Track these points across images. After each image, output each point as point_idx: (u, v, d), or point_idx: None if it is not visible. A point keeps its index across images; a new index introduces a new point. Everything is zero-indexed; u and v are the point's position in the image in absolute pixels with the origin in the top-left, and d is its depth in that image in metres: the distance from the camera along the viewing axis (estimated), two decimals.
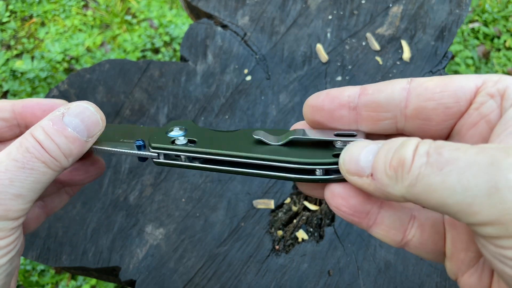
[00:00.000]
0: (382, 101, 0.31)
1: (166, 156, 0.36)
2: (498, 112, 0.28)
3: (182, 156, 0.36)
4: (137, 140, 0.37)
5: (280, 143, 0.34)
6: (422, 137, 0.30)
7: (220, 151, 0.34)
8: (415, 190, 0.25)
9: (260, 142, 0.34)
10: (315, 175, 0.32)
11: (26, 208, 0.33)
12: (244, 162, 0.34)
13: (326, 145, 0.34)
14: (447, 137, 0.32)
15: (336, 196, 0.31)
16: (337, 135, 0.33)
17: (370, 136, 0.34)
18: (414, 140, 0.27)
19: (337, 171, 0.32)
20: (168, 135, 0.37)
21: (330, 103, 0.33)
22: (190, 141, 0.36)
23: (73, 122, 0.35)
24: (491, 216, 0.23)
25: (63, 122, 0.34)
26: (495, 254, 0.25)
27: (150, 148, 0.36)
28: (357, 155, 0.29)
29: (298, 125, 0.37)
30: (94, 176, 0.42)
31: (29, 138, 0.33)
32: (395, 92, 0.31)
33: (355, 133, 0.33)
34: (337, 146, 0.33)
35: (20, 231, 0.34)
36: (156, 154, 0.36)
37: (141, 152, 0.37)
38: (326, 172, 0.32)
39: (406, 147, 0.26)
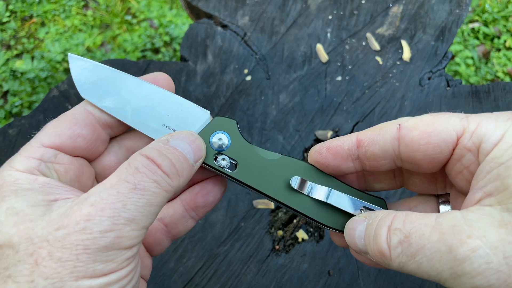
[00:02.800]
0: (378, 153, 0.35)
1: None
2: (477, 164, 0.31)
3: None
4: None
5: (313, 196, 0.38)
6: (420, 172, 0.35)
7: (257, 187, 0.38)
8: (404, 271, 0.30)
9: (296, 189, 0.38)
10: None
11: (140, 235, 0.29)
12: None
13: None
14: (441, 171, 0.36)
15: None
16: (363, 208, 0.38)
17: (376, 175, 0.41)
18: (384, 228, 0.31)
19: None
20: (211, 142, 0.38)
21: (333, 159, 0.37)
22: (232, 163, 0.38)
23: (180, 145, 0.34)
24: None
25: (170, 144, 0.33)
26: None
27: None
28: (353, 238, 0.34)
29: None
30: (216, 197, 0.40)
31: (139, 158, 0.31)
32: (387, 143, 0.34)
33: (379, 208, 0.38)
34: (361, 212, 0.38)
35: (135, 263, 0.30)
36: None
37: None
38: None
39: (380, 237, 0.31)
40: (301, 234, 0.67)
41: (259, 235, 0.67)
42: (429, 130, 0.32)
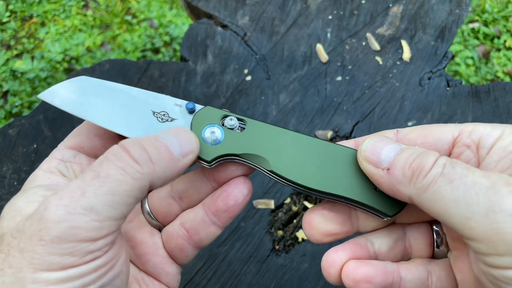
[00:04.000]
0: None
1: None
2: (475, 160, 0.32)
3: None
4: (188, 103, 0.37)
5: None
6: None
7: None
8: (424, 194, 0.29)
9: None
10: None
11: (103, 227, 0.27)
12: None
13: None
14: None
15: (360, 281, 0.33)
16: None
17: None
18: (436, 152, 0.30)
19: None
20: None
21: None
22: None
23: (165, 137, 0.32)
24: (484, 233, 0.26)
25: (154, 136, 0.32)
26: (484, 272, 0.27)
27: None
28: (380, 148, 0.32)
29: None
30: (238, 201, 0.37)
31: (113, 147, 0.30)
32: None
33: None
34: None
35: (105, 260, 0.28)
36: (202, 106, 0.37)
37: (193, 103, 0.37)
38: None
39: (429, 155, 0.30)
40: (301, 234, 0.67)
41: (259, 235, 0.67)
42: (426, 132, 0.34)
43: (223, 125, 0.36)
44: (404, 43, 0.85)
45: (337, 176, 0.35)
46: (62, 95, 0.36)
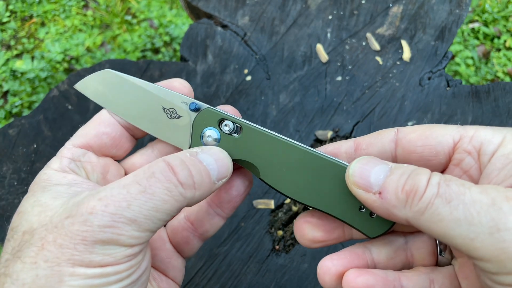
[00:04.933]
0: (376, 155, 0.35)
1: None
2: (477, 167, 0.31)
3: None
4: (192, 103, 0.38)
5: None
6: None
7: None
8: (422, 217, 0.27)
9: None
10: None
11: (142, 236, 0.30)
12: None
13: None
14: None
15: None
16: None
17: None
18: (427, 170, 0.29)
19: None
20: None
21: None
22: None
23: (207, 160, 0.34)
24: (490, 253, 0.25)
25: (198, 157, 0.33)
26: None
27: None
28: (368, 172, 0.31)
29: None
30: (240, 191, 0.39)
31: (160, 163, 0.31)
32: (385, 145, 0.34)
33: None
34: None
35: (137, 260, 0.31)
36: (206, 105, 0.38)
37: (198, 102, 0.38)
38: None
39: (421, 175, 0.28)
40: None
41: (259, 235, 0.67)
42: (427, 133, 0.33)
43: (220, 127, 0.37)
44: (404, 43, 0.85)
45: (324, 191, 0.35)
46: (92, 86, 0.39)
